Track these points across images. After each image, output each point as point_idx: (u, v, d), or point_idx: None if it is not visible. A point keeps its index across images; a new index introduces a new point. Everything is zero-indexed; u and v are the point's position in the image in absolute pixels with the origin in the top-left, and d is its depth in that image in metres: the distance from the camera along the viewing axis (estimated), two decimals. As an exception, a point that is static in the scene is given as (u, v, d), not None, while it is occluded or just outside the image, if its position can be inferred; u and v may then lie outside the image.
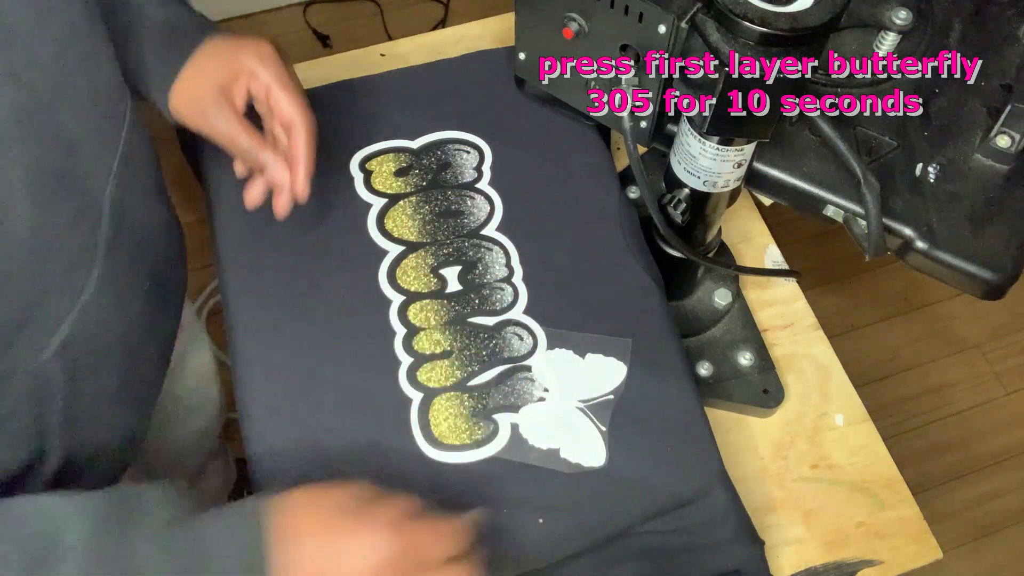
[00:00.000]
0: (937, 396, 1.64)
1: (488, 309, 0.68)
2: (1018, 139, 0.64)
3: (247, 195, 0.65)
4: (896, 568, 0.70)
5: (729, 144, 0.60)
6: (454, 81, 0.80)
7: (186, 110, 0.63)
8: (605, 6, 0.60)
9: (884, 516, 0.72)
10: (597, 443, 0.63)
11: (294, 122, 0.62)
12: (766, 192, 0.68)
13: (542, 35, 0.67)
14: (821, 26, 0.51)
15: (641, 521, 0.62)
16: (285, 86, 0.63)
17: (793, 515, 0.72)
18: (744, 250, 0.84)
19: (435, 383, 0.65)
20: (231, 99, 0.63)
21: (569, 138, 0.76)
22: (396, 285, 0.68)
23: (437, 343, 0.66)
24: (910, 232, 0.63)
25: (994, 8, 0.73)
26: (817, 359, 0.79)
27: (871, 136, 0.67)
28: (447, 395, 0.64)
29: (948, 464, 1.58)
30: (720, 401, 0.75)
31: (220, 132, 0.63)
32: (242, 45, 0.63)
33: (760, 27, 0.51)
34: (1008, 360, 1.68)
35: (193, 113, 0.63)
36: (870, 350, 1.67)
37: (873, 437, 0.75)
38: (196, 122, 0.63)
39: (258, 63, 0.62)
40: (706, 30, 0.53)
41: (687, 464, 0.63)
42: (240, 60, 0.62)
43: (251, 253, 0.69)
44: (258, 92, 0.63)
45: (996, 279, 0.62)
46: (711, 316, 0.78)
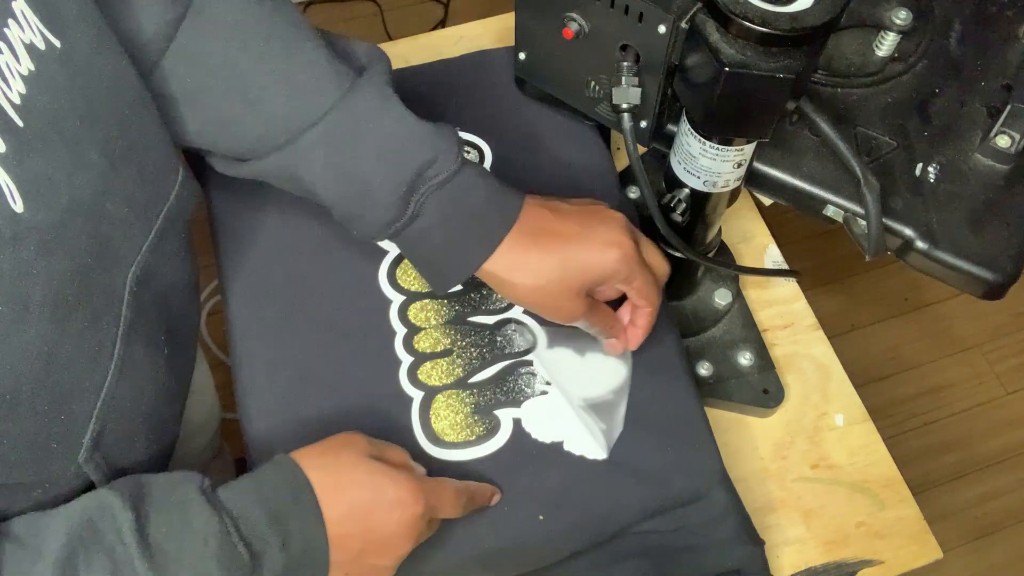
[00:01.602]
0: (937, 396, 1.64)
1: (488, 308, 0.68)
2: (1018, 139, 0.64)
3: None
4: (896, 568, 0.70)
5: (729, 144, 0.60)
6: (454, 81, 0.80)
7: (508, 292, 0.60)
8: (605, 6, 0.60)
9: (884, 516, 0.72)
10: (599, 438, 0.63)
11: (647, 307, 0.61)
12: (766, 192, 0.68)
13: (542, 35, 0.67)
14: (821, 26, 0.51)
15: (641, 519, 0.62)
16: (647, 279, 0.60)
17: (793, 515, 0.72)
18: (744, 250, 0.84)
19: (436, 381, 0.65)
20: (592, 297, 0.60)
21: (569, 138, 0.76)
22: (396, 285, 0.68)
23: (437, 342, 0.66)
24: (910, 232, 0.63)
25: (994, 8, 0.74)
26: (817, 359, 0.79)
27: (871, 136, 0.67)
28: (448, 393, 0.64)
29: (948, 464, 1.58)
30: (720, 401, 0.75)
31: (588, 328, 0.62)
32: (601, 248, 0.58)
33: (760, 27, 0.51)
34: (1008, 360, 1.68)
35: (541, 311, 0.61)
36: (870, 350, 1.67)
37: (873, 437, 0.75)
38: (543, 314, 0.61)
39: (627, 268, 0.58)
40: (706, 30, 0.53)
41: (687, 464, 0.63)
42: (608, 268, 0.58)
43: (251, 253, 0.69)
44: (621, 288, 0.61)
45: (996, 279, 0.62)
46: (711, 316, 0.78)
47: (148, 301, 0.54)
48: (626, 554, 0.63)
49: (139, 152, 0.52)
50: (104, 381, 0.50)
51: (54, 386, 0.46)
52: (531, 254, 0.58)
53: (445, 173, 0.57)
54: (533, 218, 0.59)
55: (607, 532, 0.62)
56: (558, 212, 0.60)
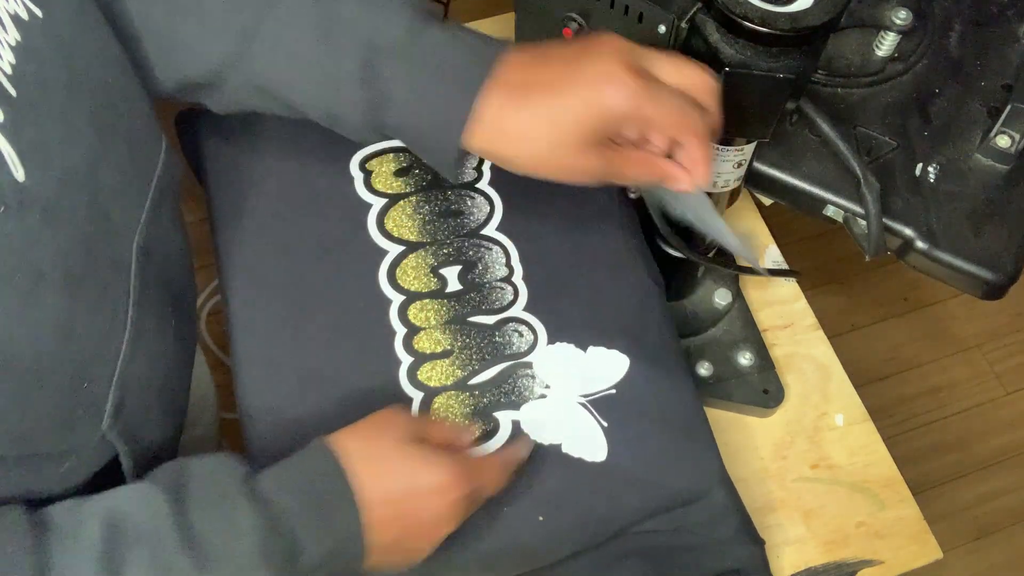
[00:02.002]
0: (937, 396, 1.64)
1: (488, 308, 0.68)
2: (1018, 139, 0.64)
3: None
4: (896, 568, 0.70)
5: (729, 144, 0.60)
6: (454, 81, 0.80)
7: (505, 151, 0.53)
8: (605, 6, 0.60)
9: (884, 516, 0.72)
10: (598, 439, 0.63)
11: (689, 133, 0.51)
12: (766, 192, 0.68)
13: (542, 35, 0.67)
14: (821, 26, 0.51)
15: (641, 519, 0.62)
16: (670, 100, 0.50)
17: (793, 515, 0.72)
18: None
19: (435, 382, 0.65)
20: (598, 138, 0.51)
21: (569, 138, 0.76)
22: (396, 285, 0.68)
23: (437, 342, 0.66)
24: (910, 232, 0.63)
25: (994, 8, 0.74)
26: (817, 359, 0.79)
27: (871, 136, 0.67)
28: (447, 394, 0.64)
29: (948, 464, 1.58)
30: (720, 401, 0.75)
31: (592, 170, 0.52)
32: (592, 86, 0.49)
33: (760, 27, 0.51)
34: (1008, 360, 1.68)
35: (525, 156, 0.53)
36: (870, 350, 1.67)
37: (873, 437, 0.75)
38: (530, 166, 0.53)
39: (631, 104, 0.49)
40: (706, 30, 0.53)
41: (687, 464, 0.63)
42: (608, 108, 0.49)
43: (251, 253, 0.69)
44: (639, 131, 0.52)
45: (996, 279, 0.62)
46: (711, 316, 0.78)
47: (153, 271, 0.54)
48: (626, 554, 0.63)
49: (126, 122, 0.51)
50: (120, 350, 0.50)
51: (74, 355, 0.47)
52: (520, 114, 0.51)
53: (396, 36, 0.52)
54: (516, 70, 0.52)
55: (607, 532, 0.62)
56: (543, 58, 0.52)
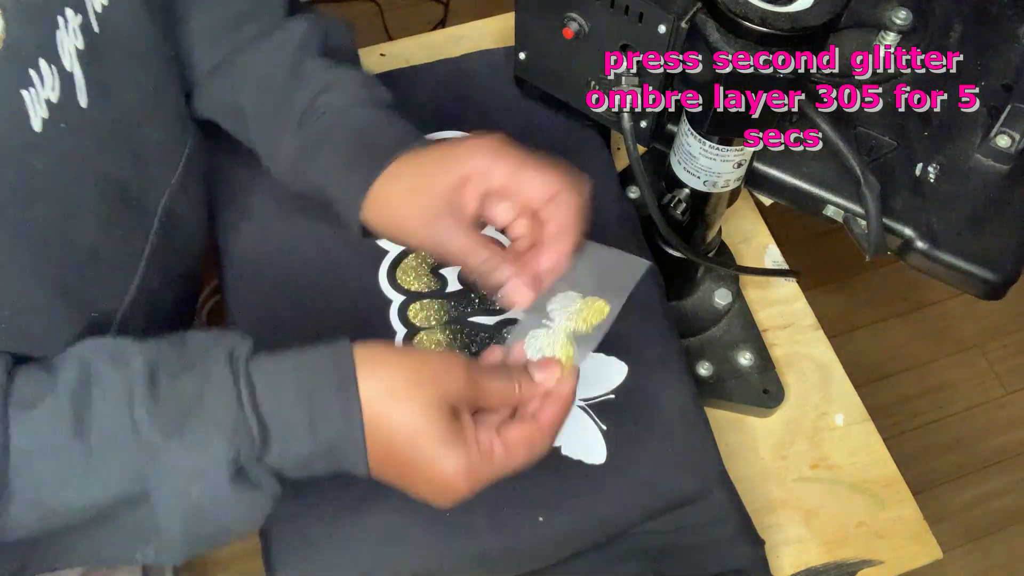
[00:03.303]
0: (937, 396, 1.64)
1: (488, 308, 0.68)
2: (1018, 139, 0.64)
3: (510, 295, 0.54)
4: (896, 568, 0.70)
5: (729, 144, 0.60)
6: (454, 81, 0.80)
7: (392, 225, 0.56)
8: (605, 6, 0.60)
9: (884, 516, 0.72)
10: (597, 442, 0.63)
11: (559, 191, 0.53)
12: (766, 192, 0.68)
13: (542, 35, 0.67)
14: (821, 26, 0.51)
15: (641, 520, 0.62)
16: (531, 165, 0.53)
17: (793, 515, 0.72)
18: (744, 250, 0.84)
19: (435, 383, 0.65)
20: (461, 208, 0.54)
21: (569, 138, 0.76)
22: (396, 285, 0.68)
23: (438, 343, 0.66)
24: (910, 232, 0.63)
25: (994, 8, 0.74)
26: (817, 359, 0.79)
27: (871, 136, 0.67)
28: (447, 395, 0.64)
29: (948, 464, 1.58)
30: (720, 401, 0.75)
31: (451, 249, 0.54)
32: (464, 144, 0.55)
33: (760, 27, 0.51)
34: (1008, 360, 1.68)
35: (406, 229, 0.55)
36: (870, 350, 1.67)
37: (873, 437, 0.75)
38: (411, 238, 0.56)
39: (492, 158, 0.53)
40: (706, 30, 0.53)
41: (687, 464, 0.63)
42: (467, 160, 0.54)
43: (251, 253, 0.69)
44: (497, 188, 0.54)
45: (996, 279, 0.62)
46: (711, 316, 0.78)
47: (170, 237, 0.58)
48: (626, 554, 0.63)
49: (173, 92, 0.58)
50: (126, 295, 0.54)
51: (94, 279, 0.50)
52: (405, 170, 0.55)
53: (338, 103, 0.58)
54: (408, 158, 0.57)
55: (607, 533, 0.62)
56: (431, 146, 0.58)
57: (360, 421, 0.47)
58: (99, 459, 0.44)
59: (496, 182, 0.54)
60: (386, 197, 0.56)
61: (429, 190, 0.54)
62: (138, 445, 0.44)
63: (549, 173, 0.54)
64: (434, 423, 0.47)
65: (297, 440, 0.47)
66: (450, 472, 0.47)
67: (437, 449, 0.47)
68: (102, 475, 0.44)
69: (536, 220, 0.55)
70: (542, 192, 0.53)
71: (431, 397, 0.47)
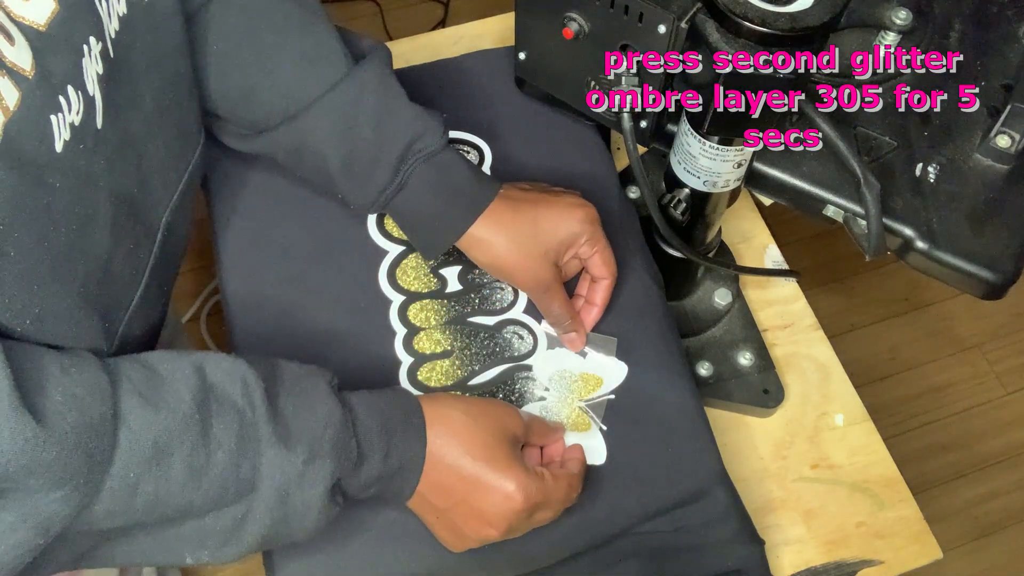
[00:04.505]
0: (937, 396, 1.64)
1: (488, 309, 0.68)
2: (1018, 139, 0.64)
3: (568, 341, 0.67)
4: (896, 568, 0.70)
5: (729, 144, 0.60)
6: (454, 81, 0.80)
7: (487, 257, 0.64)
8: (605, 6, 0.60)
9: (884, 516, 0.72)
10: (597, 442, 0.63)
11: (607, 277, 0.66)
12: (766, 192, 0.68)
13: (542, 35, 0.67)
14: (821, 26, 0.51)
15: (641, 520, 0.62)
16: (608, 247, 0.65)
17: (793, 515, 0.72)
18: (744, 250, 0.84)
19: (435, 383, 0.65)
20: (561, 269, 0.66)
21: (569, 138, 0.76)
22: (396, 285, 0.68)
23: (437, 343, 0.66)
24: (910, 232, 0.63)
25: (994, 8, 0.74)
26: (817, 359, 0.79)
27: (871, 136, 0.67)
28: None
29: (948, 464, 1.58)
30: (720, 401, 0.75)
31: (551, 306, 0.65)
32: (562, 207, 0.64)
33: (760, 27, 0.51)
34: (1008, 360, 1.68)
35: (504, 268, 0.64)
36: (870, 350, 1.67)
37: (873, 437, 0.75)
38: (507, 275, 0.65)
39: (591, 229, 0.64)
40: (706, 30, 0.53)
41: (687, 464, 0.63)
42: (575, 227, 0.64)
43: (251, 253, 0.69)
44: (581, 255, 0.65)
45: (996, 279, 0.62)
46: (711, 316, 0.78)
47: (169, 249, 0.60)
48: (626, 554, 0.63)
49: (179, 109, 0.59)
50: (131, 304, 0.55)
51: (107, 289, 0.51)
52: (506, 216, 0.63)
53: (432, 147, 0.63)
54: (509, 192, 0.65)
55: (607, 533, 0.62)
56: (529, 186, 0.67)
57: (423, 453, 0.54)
58: (214, 465, 0.46)
59: (583, 252, 0.65)
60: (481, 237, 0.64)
61: (538, 247, 0.63)
62: (256, 451, 0.48)
63: (613, 259, 0.66)
64: (501, 447, 0.55)
65: (372, 465, 0.52)
66: (511, 488, 0.54)
67: (502, 468, 0.54)
68: (212, 478, 0.46)
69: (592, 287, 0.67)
70: (604, 273, 0.65)
71: (498, 428, 0.56)
